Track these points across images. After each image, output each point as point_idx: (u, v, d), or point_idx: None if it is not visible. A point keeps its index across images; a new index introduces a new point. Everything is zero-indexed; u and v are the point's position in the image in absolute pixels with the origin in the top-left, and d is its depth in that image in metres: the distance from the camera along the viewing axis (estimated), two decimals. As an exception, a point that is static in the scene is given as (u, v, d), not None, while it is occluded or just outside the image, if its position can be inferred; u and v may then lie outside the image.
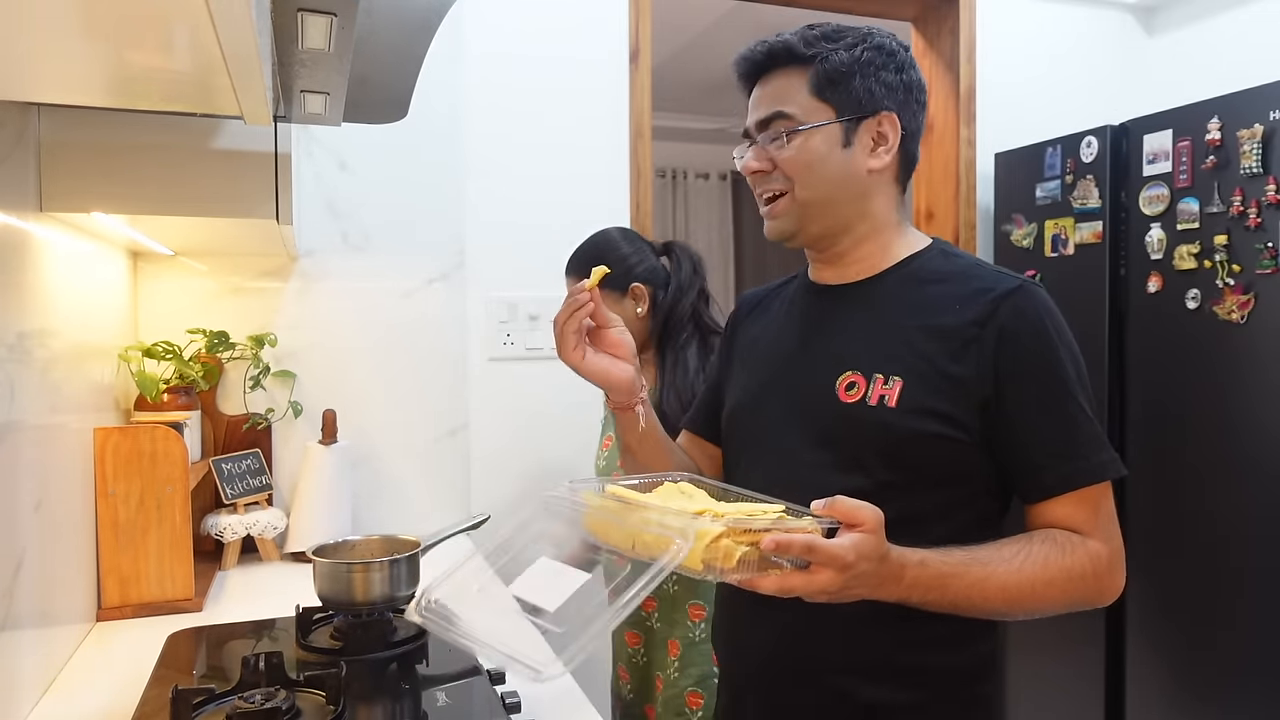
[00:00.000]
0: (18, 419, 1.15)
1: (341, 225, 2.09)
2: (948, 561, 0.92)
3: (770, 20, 3.76)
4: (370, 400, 2.10)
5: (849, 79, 1.06)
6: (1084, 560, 0.97)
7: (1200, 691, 2.25)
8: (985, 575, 0.93)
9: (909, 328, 1.04)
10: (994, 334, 1.00)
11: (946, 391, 1.00)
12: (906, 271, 1.10)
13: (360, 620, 1.37)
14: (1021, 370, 1.00)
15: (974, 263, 1.11)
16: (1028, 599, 0.95)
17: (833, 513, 0.84)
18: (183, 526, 1.61)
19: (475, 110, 2.22)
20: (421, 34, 1.18)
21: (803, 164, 1.07)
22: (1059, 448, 1.00)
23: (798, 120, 1.07)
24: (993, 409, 1.00)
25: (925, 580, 0.90)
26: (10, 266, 1.15)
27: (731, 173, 6.22)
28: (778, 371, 1.15)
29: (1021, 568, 0.95)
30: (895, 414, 1.00)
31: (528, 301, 2.26)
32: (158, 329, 1.91)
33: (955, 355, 1.01)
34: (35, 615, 1.21)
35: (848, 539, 0.82)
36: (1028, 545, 0.97)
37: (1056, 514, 1.00)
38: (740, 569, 0.81)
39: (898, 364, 1.02)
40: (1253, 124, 2.09)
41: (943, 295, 1.05)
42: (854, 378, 1.04)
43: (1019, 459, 1.01)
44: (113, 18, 0.70)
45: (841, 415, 1.04)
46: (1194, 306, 2.23)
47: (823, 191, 1.08)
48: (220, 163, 1.35)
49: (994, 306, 1.01)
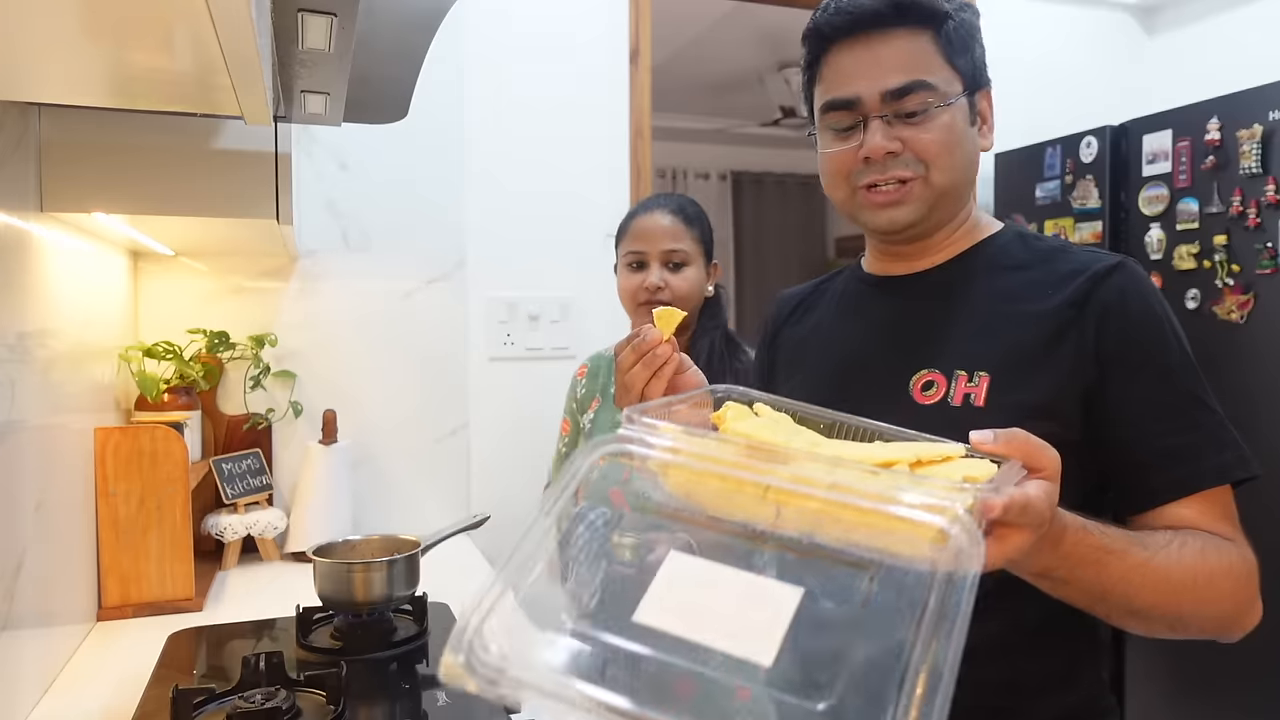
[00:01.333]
0: (18, 419, 1.15)
1: (341, 225, 2.09)
2: (1108, 534, 0.75)
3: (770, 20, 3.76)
4: (370, 400, 2.10)
5: (972, 45, 0.94)
6: (1240, 561, 0.82)
7: (1200, 691, 2.25)
8: (1147, 559, 0.77)
9: (993, 318, 0.92)
10: (1095, 315, 0.87)
11: (1042, 384, 0.87)
12: (983, 257, 0.98)
13: (360, 620, 1.37)
14: (1127, 353, 0.87)
15: (1060, 245, 0.98)
16: (1188, 596, 0.79)
17: (1010, 450, 0.64)
18: (183, 526, 1.61)
19: (475, 110, 2.22)
20: (421, 34, 1.18)
21: (945, 145, 0.92)
22: (1174, 444, 0.86)
23: (941, 93, 0.92)
24: (1096, 402, 0.87)
25: (1084, 551, 0.72)
26: (11, 266, 1.15)
27: (732, 172, 6.22)
28: (837, 376, 1.02)
29: (1180, 557, 0.79)
30: (984, 414, 0.87)
31: (528, 301, 2.26)
32: (158, 329, 1.91)
33: (1050, 343, 0.88)
34: (36, 615, 1.21)
35: (1041, 489, 0.62)
36: (1179, 535, 0.82)
37: (1177, 521, 0.84)
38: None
39: (982, 358, 0.90)
40: (1252, 124, 2.09)
41: (1030, 281, 0.93)
42: (931, 376, 0.92)
43: (1127, 458, 0.87)
44: (113, 18, 0.70)
45: (919, 420, 0.85)
46: (1194, 306, 2.23)
47: (958, 176, 0.95)
48: (220, 163, 1.35)
49: (1091, 285, 0.89)
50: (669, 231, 1.64)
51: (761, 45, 4.19)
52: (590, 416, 1.73)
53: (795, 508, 0.52)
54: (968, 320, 0.94)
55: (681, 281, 1.62)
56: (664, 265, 1.63)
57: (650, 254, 1.63)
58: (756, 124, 5.62)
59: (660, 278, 1.61)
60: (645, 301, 1.61)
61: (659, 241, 1.63)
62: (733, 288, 6.10)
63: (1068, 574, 0.72)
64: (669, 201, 1.69)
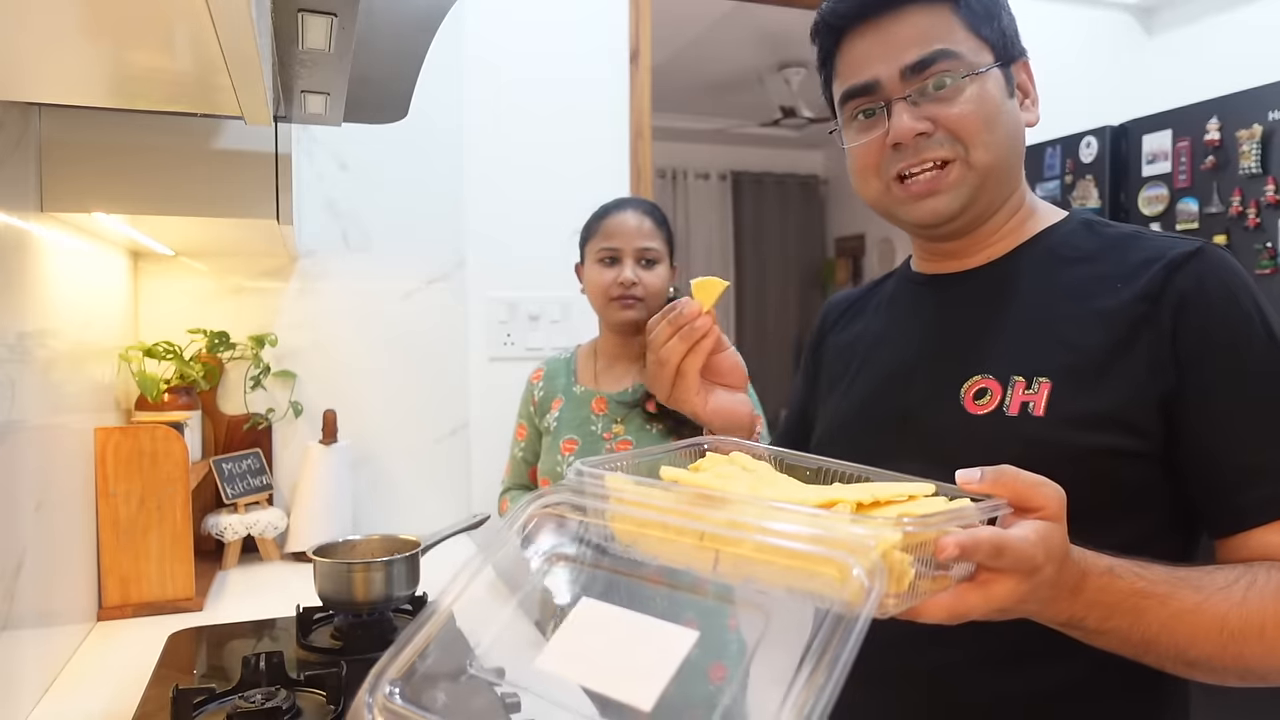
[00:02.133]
0: (18, 419, 1.15)
1: (341, 225, 2.09)
2: (1145, 577, 0.66)
3: (770, 20, 3.76)
4: (370, 400, 2.10)
5: (999, 12, 0.87)
6: None
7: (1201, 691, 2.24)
8: (1199, 603, 0.67)
9: (1055, 316, 0.83)
10: (1171, 308, 0.77)
11: (1111, 390, 0.77)
12: (1042, 249, 0.89)
13: (360, 620, 1.37)
14: (1210, 352, 0.76)
15: (1132, 231, 0.87)
16: (1254, 646, 0.68)
17: (997, 489, 0.58)
18: (183, 526, 1.61)
19: (475, 110, 2.22)
20: (422, 34, 1.18)
21: (982, 119, 0.83)
22: (1264, 459, 0.74)
23: (968, 62, 0.83)
24: (1175, 407, 0.76)
25: (1112, 598, 0.64)
26: (11, 266, 1.15)
27: (732, 172, 6.23)
28: (882, 383, 0.94)
29: (1247, 599, 0.68)
30: (1044, 424, 0.78)
31: (528, 301, 2.26)
32: (158, 329, 1.91)
33: (1120, 343, 0.78)
34: (36, 615, 1.21)
35: (1032, 531, 0.57)
36: (1249, 573, 0.71)
37: (1267, 547, 0.74)
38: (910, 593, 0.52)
39: (1043, 362, 0.81)
40: (1251, 124, 2.10)
41: (1095, 275, 0.83)
42: (985, 383, 0.83)
43: (1210, 473, 0.77)
44: (113, 18, 0.70)
45: (971, 431, 0.82)
46: (1193, 306, 2.24)
47: (1002, 153, 0.86)
48: (220, 163, 1.35)
49: (1167, 275, 0.78)
50: (643, 230, 1.68)
51: (761, 45, 4.19)
52: (555, 415, 1.74)
53: (730, 553, 0.52)
54: (1026, 320, 0.85)
55: (654, 278, 1.66)
56: (637, 262, 1.65)
57: (624, 250, 1.66)
58: (756, 124, 5.62)
59: (634, 273, 1.64)
60: (618, 296, 1.65)
61: (633, 239, 1.66)
62: (732, 289, 6.11)
63: (1099, 624, 0.65)
64: (639, 203, 1.74)
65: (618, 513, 0.57)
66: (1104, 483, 0.76)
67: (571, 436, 1.69)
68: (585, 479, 0.60)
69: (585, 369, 1.78)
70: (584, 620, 0.51)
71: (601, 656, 0.48)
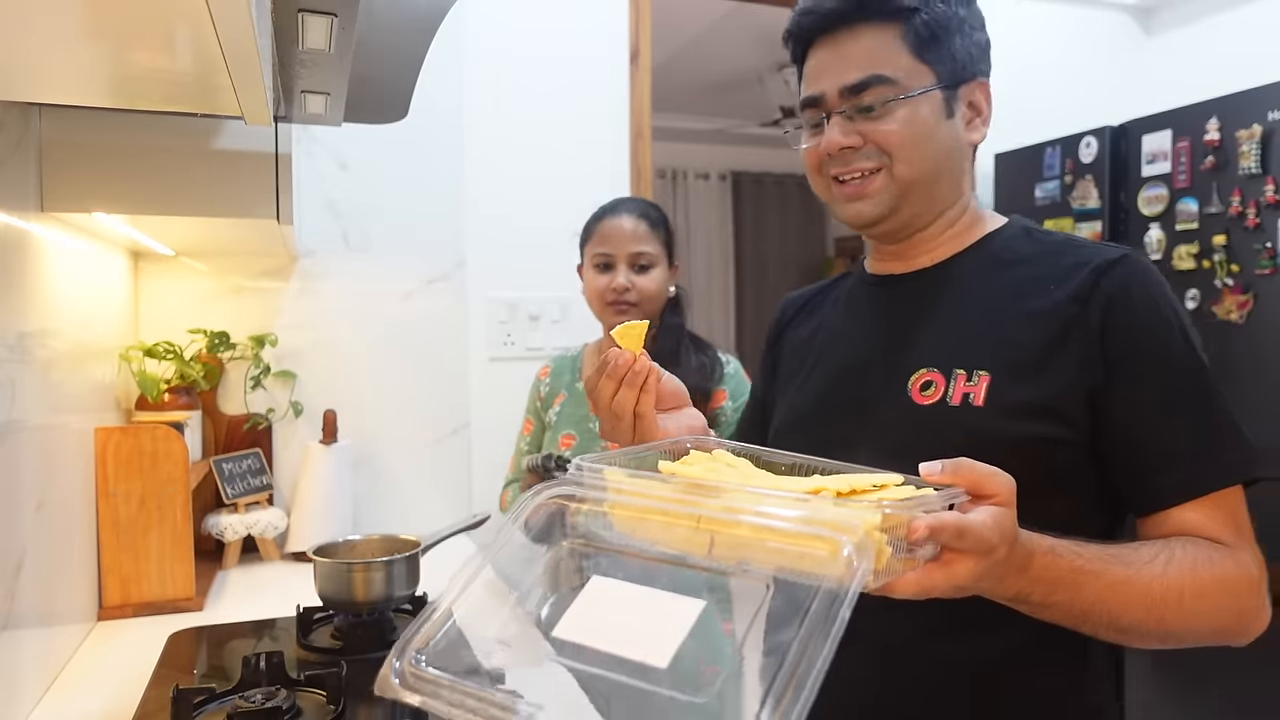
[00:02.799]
0: (19, 419, 1.15)
1: (341, 225, 2.09)
2: (1083, 555, 0.74)
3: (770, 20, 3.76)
4: (370, 400, 2.10)
5: (950, 36, 0.93)
6: (1234, 571, 0.80)
7: (1201, 691, 2.25)
8: (1128, 576, 0.76)
9: (994, 315, 0.91)
10: (1099, 309, 0.85)
11: (1044, 382, 0.85)
12: (985, 253, 0.97)
13: (360, 620, 1.37)
14: (1133, 350, 0.85)
15: (1065, 238, 0.96)
16: (1173, 612, 0.77)
17: (956, 479, 0.65)
18: (183, 526, 1.61)
19: (475, 110, 2.22)
20: (422, 34, 1.18)
21: (909, 138, 0.92)
22: (1180, 445, 0.84)
23: (902, 86, 0.92)
24: (1101, 400, 0.85)
25: (1055, 574, 0.71)
26: (11, 266, 1.15)
27: (732, 172, 6.23)
28: (837, 376, 1.01)
29: (1165, 572, 0.77)
30: (983, 414, 0.86)
31: (528, 301, 2.26)
32: (158, 329, 1.91)
33: (1053, 340, 0.86)
34: (36, 615, 1.21)
35: (988, 515, 0.63)
36: (1168, 548, 0.80)
37: (1184, 525, 0.83)
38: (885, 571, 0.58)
39: (982, 356, 0.88)
40: (1251, 124, 2.10)
41: (1032, 277, 0.91)
42: (930, 376, 0.91)
43: (1132, 459, 0.85)
44: (113, 18, 0.70)
45: (918, 420, 0.89)
46: (1193, 306, 2.24)
47: (926, 168, 0.94)
48: (220, 163, 1.35)
49: (1095, 279, 0.86)
50: (636, 234, 1.67)
51: (761, 45, 4.19)
52: (556, 410, 1.75)
53: (726, 536, 0.56)
54: (967, 317, 0.92)
55: (649, 282, 1.66)
56: (630, 267, 1.65)
57: (618, 256, 1.66)
58: (756, 124, 5.62)
59: (627, 279, 1.64)
60: (613, 302, 1.65)
61: (626, 244, 1.66)
62: (733, 287, 6.11)
63: (1043, 598, 0.72)
64: (635, 205, 1.72)
65: (617, 502, 0.63)
66: (1038, 467, 0.81)
67: (570, 432, 1.70)
68: (584, 473, 0.65)
69: (589, 366, 1.79)
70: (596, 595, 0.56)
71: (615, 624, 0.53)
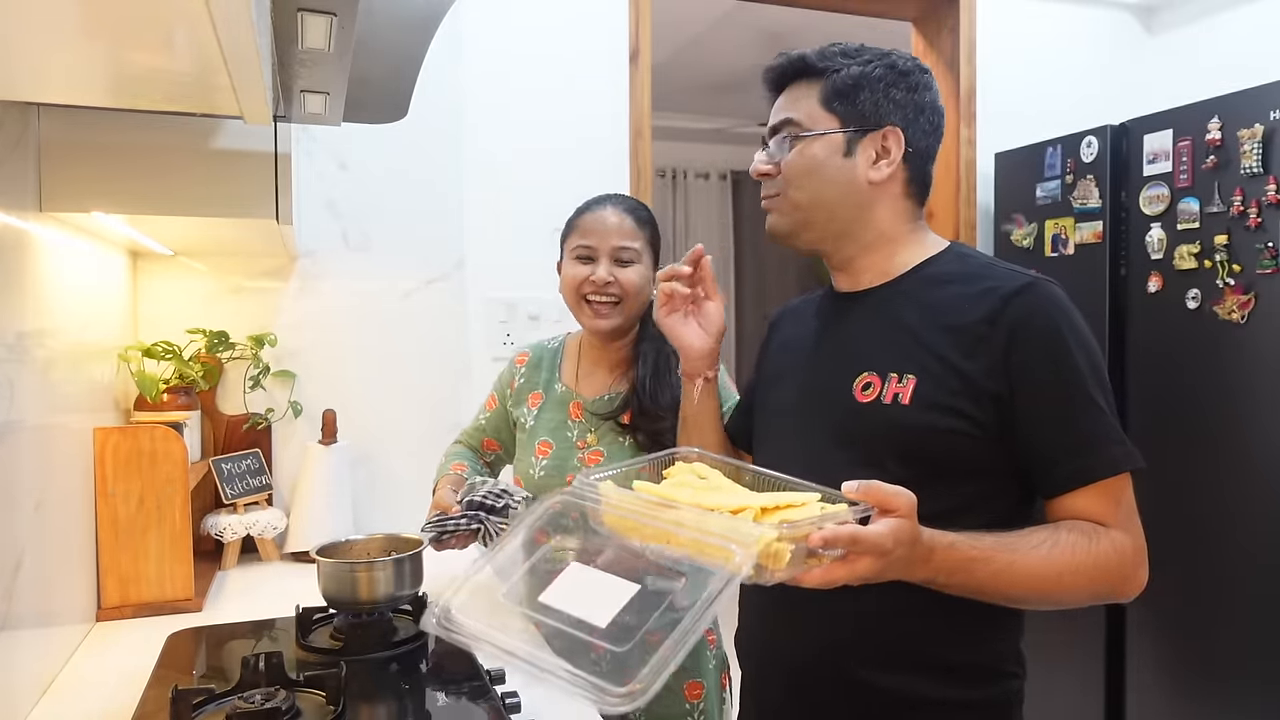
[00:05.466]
0: (18, 419, 1.15)
1: (341, 225, 2.09)
2: (976, 546, 0.94)
3: (770, 20, 3.76)
4: (370, 400, 2.10)
5: (857, 92, 1.12)
6: (1109, 550, 0.99)
7: (1200, 691, 2.25)
8: (1011, 561, 0.95)
9: (921, 328, 1.08)
10: (1004, 331, 1.02)
11: (959, 388, 1.03)
12: (921, 276, 1.13)
13: (360, 620, 1.37)
14: (1032, 366, 1.02)
15: (987, 263, 1.14)
16: (1053, 587, 0.97)
17: (867, 497, 0.85)
18: (182, 526, 1.61)
19: (475, 110, 2.22)
20: (421, 34, 1.18)
21: (801, 168, 1.13)
22: (1072, 442, 1.01)
23: (802, 127, 1.14)
24: (1006, 404, 1.02)
25: (952, 563, 0.92)
26: (10, 266, 1.15)
27: (732, 172, 6.23)
28: (803, 375, 1.20)
29: (1049, 555, 0.97)
30: (908, 411, 1.04)
31: (527, 301, 2.26)
32: (158, 329, 1.91)
33: (967, 353, 1.03)
34: (35, 615, 1.21)
35: (885, 526, 0.83)
36: (1055, 534, 0.99)
37: (1076, 508, 1.02)
38: (789, 568, 0.80)
39: (911, 363, 1.06)
40: (1253, 124, 2.09)
41: (954, 295, 1.08)
42: (870, 378, 1.08)
43: (1034, 454, 1.03)
44: (113, 18, 0.70)
45: (859, 414, 1.08)
46: (1194, 306, 2.23)
47: (814, 195, 1.13)
48: (220, 163, 1.35)
49: (1003, 304, 1.03)
50: (621, 229, 1.61)
51: (761, 45, 4.18)
52: (533, 413, 1.69)
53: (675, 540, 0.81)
54: (902, 330, 1.09)
55: (631, 274, 1.59)
56: (613, 261, 1.61)
57: (600, 249, 1.60)
58: (756, 124, 5.62)
59: (609, 272, 1.58)
60: (590, 293, 1.59)
61: (610, 238, 1.60)
62: (733, 287, 6.11)
63: (945, 581, 0.93)
64: (622, 201, 1.67)
65: (607, 512, 0.87)
66: (953, 455, 1.03)
67: (547, 440, 1.65)
68: (585, 487, 0.89)
69: (569, 366, 1.73)
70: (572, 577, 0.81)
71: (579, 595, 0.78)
